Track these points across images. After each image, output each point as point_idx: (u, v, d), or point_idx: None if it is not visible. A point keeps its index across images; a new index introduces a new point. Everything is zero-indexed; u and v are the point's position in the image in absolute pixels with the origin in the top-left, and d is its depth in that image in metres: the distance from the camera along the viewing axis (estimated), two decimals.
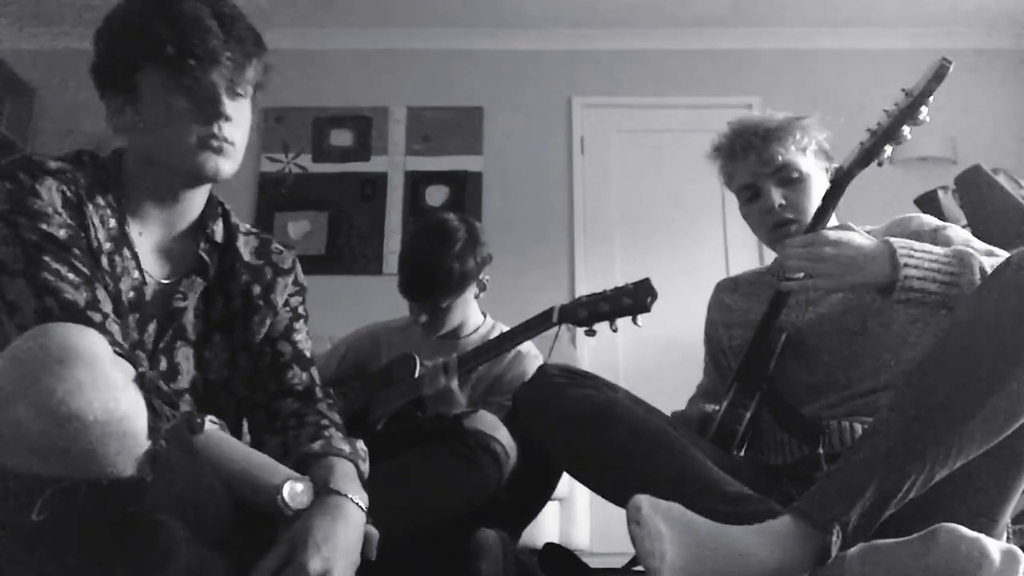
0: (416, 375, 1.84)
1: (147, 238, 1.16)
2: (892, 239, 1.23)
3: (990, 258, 1.23)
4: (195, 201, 1.19)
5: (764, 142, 1.47)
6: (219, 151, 1.11)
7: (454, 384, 1.70)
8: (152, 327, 1.12)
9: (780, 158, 1.47)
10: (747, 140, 1.49)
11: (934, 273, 1.19)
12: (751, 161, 1.49)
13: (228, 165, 1.13)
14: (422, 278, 1.87)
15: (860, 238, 1.24)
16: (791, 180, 1.48)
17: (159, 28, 1.08)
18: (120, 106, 1.12)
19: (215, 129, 1.10)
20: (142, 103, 1.11)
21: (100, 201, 1.10)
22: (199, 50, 1.08)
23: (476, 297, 2.00)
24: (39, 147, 3.72)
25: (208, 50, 1.08)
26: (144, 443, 0.82)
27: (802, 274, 1.26)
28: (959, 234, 1.41)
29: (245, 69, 1.12)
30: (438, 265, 1.84)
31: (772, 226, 1.50)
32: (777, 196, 1.47)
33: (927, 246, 1.23)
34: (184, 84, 1.08)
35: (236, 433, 1.18)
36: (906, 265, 1.19)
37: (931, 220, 1.46)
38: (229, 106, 1.11)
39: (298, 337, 1.27)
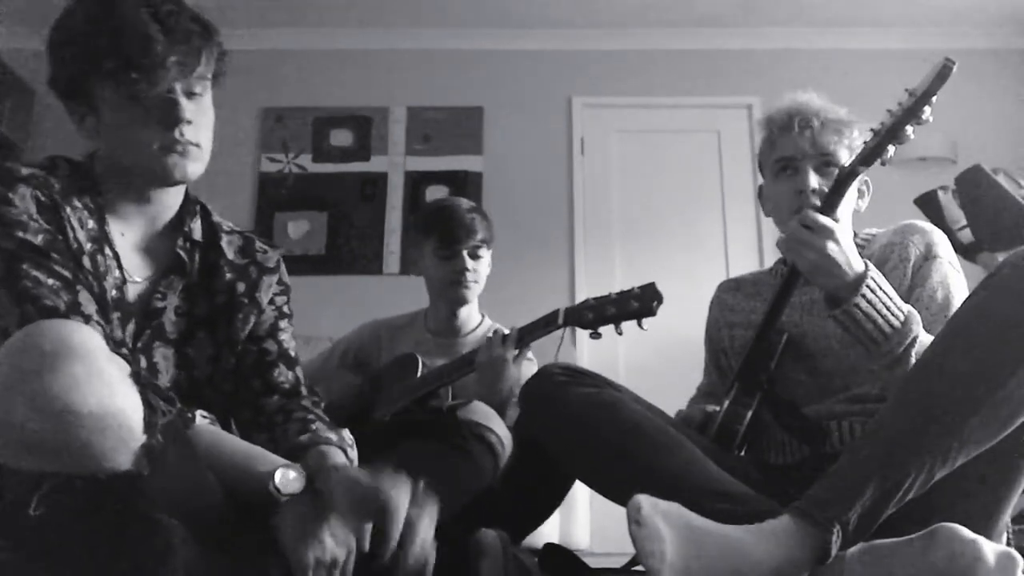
0: (419, 374, 1.84)
1: (128, 237, 1.16)
2: (873, 271, 1.25)
3: (933, 327, 1.26)
4: (170, 199, 1.20)
5: (823, 127, 1.47)
6: (184, 154, 1.11)
7: (511, 355, 1.67)
8: (131, 326, 1.13)
9: (832, 147, 1.47)
10: (807, 119, 1.48)
11: (877, 319, 1.23)
12: (804, 138, 1.48)
13: (195, 167, 1.13)
14: (461, 214, 1.92)
15: (854, 251, 1.26)
16: (828, 172, 1.47)
17: (99, 42, 1.06)
18: (82, 115, 1.13)
19: (176, 134, 1.10)
20: (101, 112, 1.10)
21: (77, 203, 1.10)
22: (142, 60, 1.05)
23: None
24: (39, 147, 3.72)
25: (152, 59, 1.06)
26: (140, 437, 0.83)
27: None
28: (941, 273, 1.41)
29: (196, 67, 1.11)
30: (467, 205, 1.96)
31: (798, 208, 1.48)
32: (814, 180, 1.47)
33: (893, 296, 1.26)
34: (135, 95, 1.07)
35: (225, 427, 1.19)
36: (863, 296, 1.22)
37: (929, 240, 1.45)
38: (187, 108, 1.10)
39: (283, 336, 1.28)
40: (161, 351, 1.15)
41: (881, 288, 1.24)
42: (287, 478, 1.01)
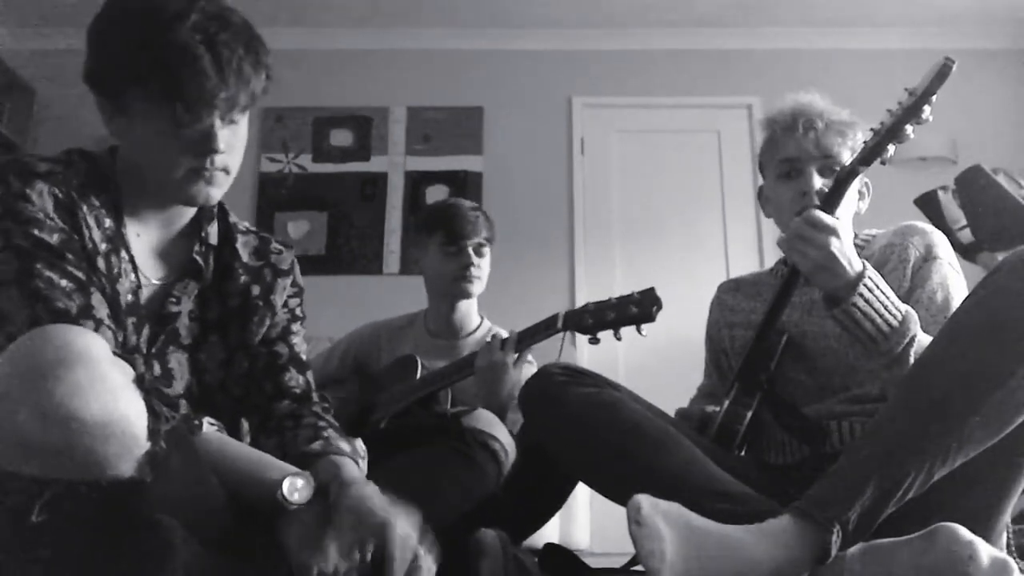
0: (418, 376, 1.84)
1: (144, 239, 1.14)
2: (871, 271, 1.25)
3: (932, 328, 1.26)
4: None
5: (827, 128, 1.47)
6: (210, 181, 1.07)
7: (510, 359, 1.67)
8: (146, 331, 1.11)
9: (835, 149, 1.47)
10: (811, 120, 1.48)
11: (876, 318, 1.23)
12: (808, 140, 1.47)
13: (218, 192, 1.10)
14: (466, 211, 1.96)
15: (853, 252, 1.26)
16: (831, 174, 1.46)
17: (144, 60, 1.00)
18: (111, 114, 1.08)
19: (207, 163, 1.05)
20: (132, 119, 1.05)
21: (94, 201, 1.07)
22: (189, 95, 1.00)
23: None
24: (39, 147, 3.72)
25: (200, 95, 1.00)
26: (144, 444, 0.82)
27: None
28: (941, 274, 1.41)
29: (241, 99, 1.05)
30: (470, 204, 2.00)
31: (801, 210, 1.48)
32: (818, 181, 1.46)
33: (890, 295, 1.25)
34: (174, 120, 1.02)
35: (235, 433, 1.17)
36: (860, 295, 1.22)
37: (929, 241, 1.45)
38: (223, 137, 1.05)
39: (295, 340, 1.26)
40: (176, 356, 1.13)
41: (879, 287, 1.24)
42: (295, 487, 0.99)
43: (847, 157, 1.45)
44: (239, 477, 1.00)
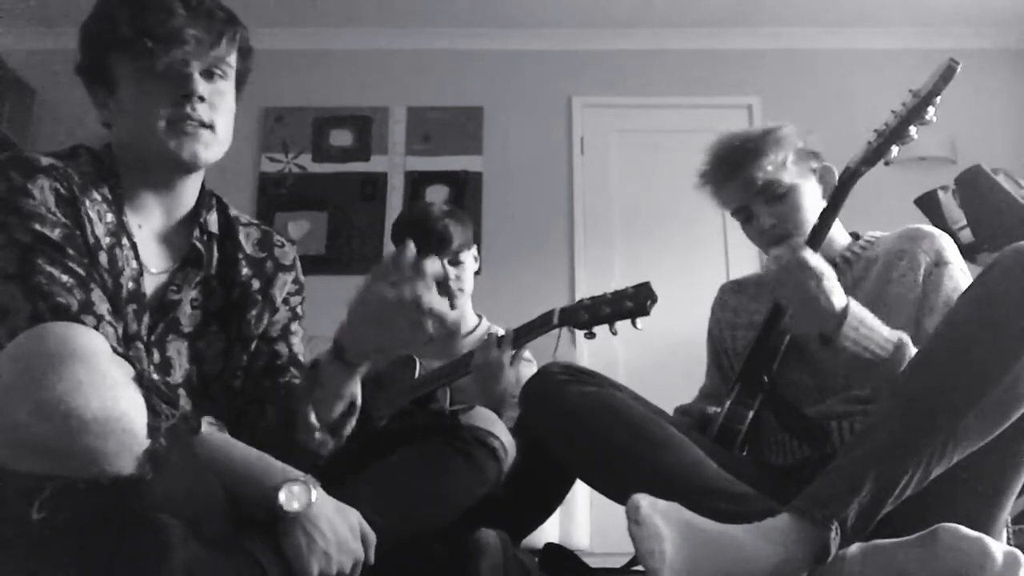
0: (416, 375, 1.84)
1: (146, 229, 1.15)
2: (853, 311, 1.24)
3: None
4: (188, 190, 1.18)
5: (743, 164, 1.48)
6: (193, 135, 1.09)
7: (506, 358, 1.67)
8: (146, 319, 1.11)
9: (761, 178, 1.47)
10: (728, 165, 1.50)
11: (864, 354, 1.24)
12: (737, 185, 1.49)
13: (206, 151, 1.11)
14: (432, 223, 1.90)
15: (837, 291, 1.25)
16: (778, 197, 1.47)
17: (120, 13, 1.07)
18: (103, 99, 1.12)
19: (187, 109, 1.08)
20: (119, 92, 1.10)
21: (96, 195, 1.08)
22: (158, 30, 1.05)
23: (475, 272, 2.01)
24: (39, 147, 3.71)
25: (169, 29, 1.05)
26: (144, 442, 0.82)
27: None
28: (953, 280, 1.40)
29: (216, 46, 1.09)
30: (438, 212, 1.93)
31: (771, 244, 1.50)
32: (767, 217, 1.48)
33: (877, 328, 1.25)
34: (151, 66, 1.06)
35: (234, 426, 1.17)
36: (845, 336, 1.23)
37: (938, 246, 1.44)
38: (203, 86, 1.09)
39: (294, 340, 1.27)
40: (175, 345, 1.14)
41: (863, 323, 1.24)
42: (292, 493, 0.99)
43: (784, 176, 1.46)
44: (237, 479, 1.00)
